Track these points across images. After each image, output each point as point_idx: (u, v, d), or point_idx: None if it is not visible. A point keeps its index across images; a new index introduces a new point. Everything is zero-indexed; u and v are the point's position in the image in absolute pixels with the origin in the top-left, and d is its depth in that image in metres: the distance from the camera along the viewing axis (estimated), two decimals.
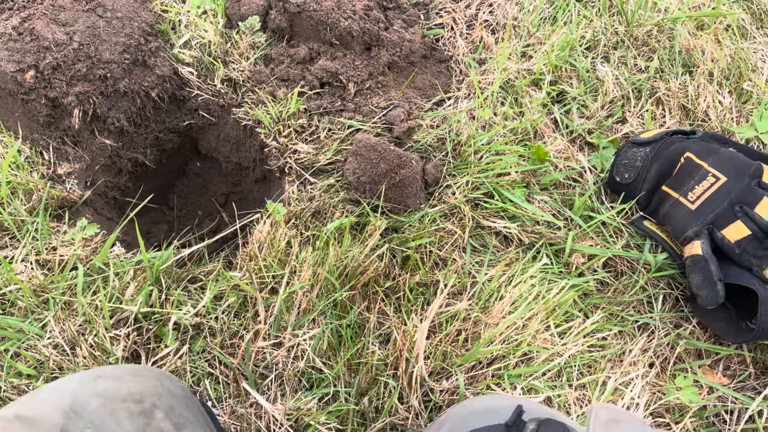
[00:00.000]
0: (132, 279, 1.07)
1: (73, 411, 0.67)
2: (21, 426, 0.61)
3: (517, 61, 1.37)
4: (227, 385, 1.03)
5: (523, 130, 1.27)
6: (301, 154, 1.22)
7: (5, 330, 1.00)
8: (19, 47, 1.15)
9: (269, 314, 1.06)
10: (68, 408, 0.67)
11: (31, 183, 1.14)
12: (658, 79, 1.37)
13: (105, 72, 1.19)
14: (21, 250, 1.08)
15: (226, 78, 1.31)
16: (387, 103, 1.28)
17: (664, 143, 1.20)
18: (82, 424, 0.66)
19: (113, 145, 1.27)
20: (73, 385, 0.73)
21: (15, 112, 1.19)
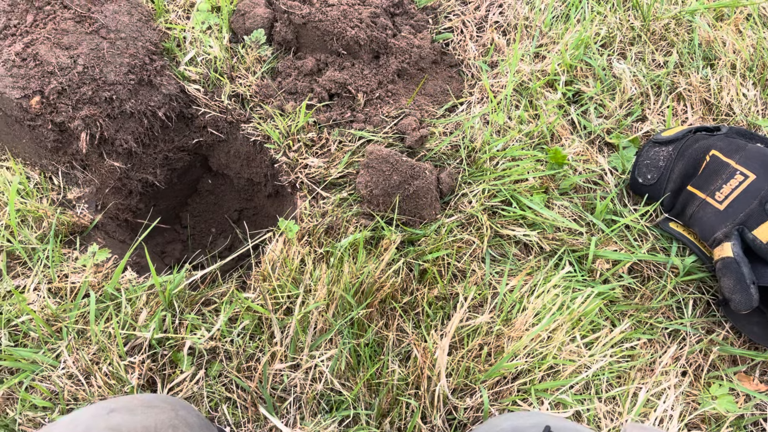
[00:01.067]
0: (145, 304, 1.05)
1: None
2: None
3: (530, 63, 1.33)
4: (245, 409, 1.01)
5: (539, 133, 1.24)
6: (311, 168, 1.19)
7: (19, 362, 0.99)
8: (23, 73, 1.14)
9: (285, 335, 1.03)
10: None
11: (41, 210, 1.12)
12: (678, 74, 1.32)
13: (111, 94, 1.18)
14: (33, 279, 1.07)
15: (233, 94, 1.29)
16: (398, 112, 1.25)
17: (687, 141, 1.15)
18: None
19: (122, 167, 1.25)
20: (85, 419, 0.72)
21: (22, 138, 1.18)
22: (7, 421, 0.95)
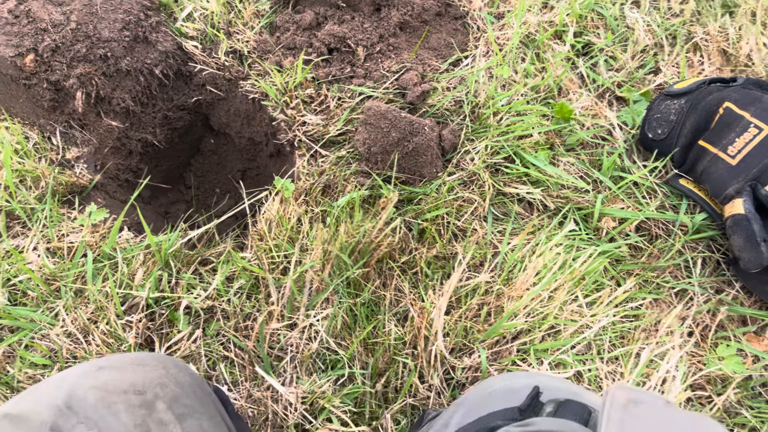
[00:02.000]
0: (141, 264, 1.04)
1: (67, 407, 0.65)
2: (9, 425, 0.59)
3: (537, 13, 1.27)
4: (243, 368, 1.01)
5: (545, 87, 1.19)
6: (310, 125, 1.16)
7: (18, 321, 0.99)
8: (16, 31, 1.12)
9: (281, 295, 1.02)
10: (62, 404, 0.65)
11: (39, 170, 1.12)
12: (695, 23, 1.25)
13: (105, 51, 1.16)
14: (31, 239, 1.07)
15: (231, 50, 1.26)
16: (399, 67, 1.21)
17: (700, 93, 1.09)
18: (75, 420, 0.64)
19: (120, 126, 1.24)
20: (73, 379, 0.72)
21: (19, 98, 1.17)
22: (7, 378, 0.96)
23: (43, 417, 0.61)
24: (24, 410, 0.62)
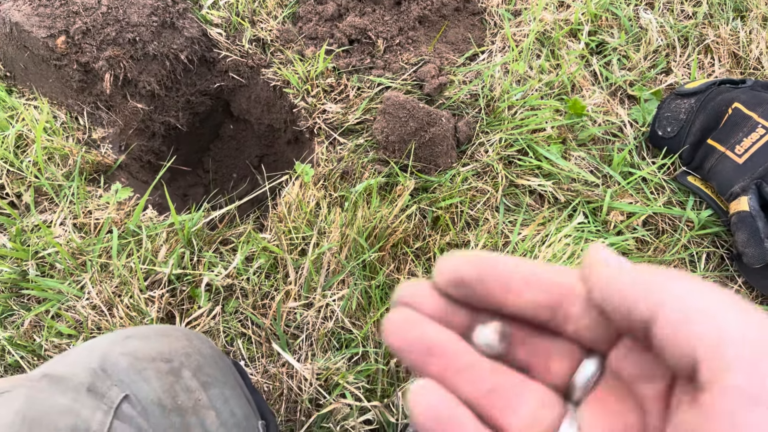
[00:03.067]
0: (165, 242, 1.08)
1: (102, 369, 0.69)
2: (48, 384, 0.63)
3: (553, 12, 1.30)
4: (260, 345, 1.05)
5: (559, 83, 1.22)
6: (329, 114, 1.20)
7: (45, 291, 1.03)
8: (49, 12, 1.16)
9: (299, 275, 1.06)
10: (97, 367, 0.69)
11: (67, 148, 1.16)
12: (707, 26, 1.29)
13: (134, 35, 1.19)
14: (59, 214, 1.11)
15: (255, 38, 1.30)
16: (417, 59, 1.24)
17: (710, 94, 1.13)
18: (110, 382, 0.68)
19: (145, 108, 1.27)
20: (103, 345, 0.75)
21: (49, 78, 1.21)
22: (34, 346, 1.00)
23: (80, 378, 0.65)
24: (62, 371, 0.65)
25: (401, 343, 0.35)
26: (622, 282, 0.30)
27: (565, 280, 0.34)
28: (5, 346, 0.99)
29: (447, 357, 0.35)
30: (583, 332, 0.34)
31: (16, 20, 1.13)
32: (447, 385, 0.35)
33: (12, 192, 1.12)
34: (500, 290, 0.34)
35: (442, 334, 0.35)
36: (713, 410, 0.25)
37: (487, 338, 0.35)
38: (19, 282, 1.04)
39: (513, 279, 0.34)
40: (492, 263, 0.35)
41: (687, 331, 0.26)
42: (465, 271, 0.34)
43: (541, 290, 0.34)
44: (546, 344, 0.36)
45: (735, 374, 0.24)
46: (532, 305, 0.34)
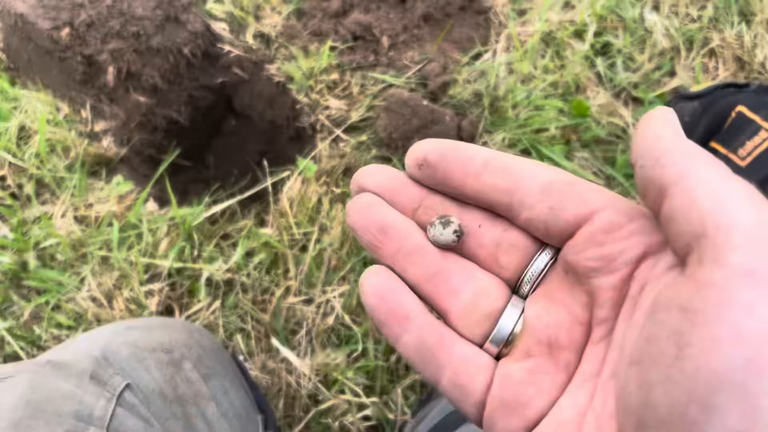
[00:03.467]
0: (165, 235, 1.08)
1: (104, 358, 0.69)
2: (51, 370, 0.63)
3: (559, 12, 1.30)
4: (259, 340, 1.04)
5: (563, 83, 1.22)
6: (332, 110, 1.20)
7: (46, 283, 1.03)
8: (54, 4, 1.16)
9: (299, 271, 1.05)
10: (99, 355, 0.69)
11: (69, 140, 1.15)
12: (712, 29, 1.29)
13: (138, 28, 1.19)
14: (60, 206, 1.10)
15: (258, 33, 1.30)
16: (422, 57, 1.24)
17: (714, 97, 1.13)
18: (112, 370, 0.68)
19: (148, 102, 1.27)
20: (105, 335, 0.75)
21: (52, 70, 1.21)
22: (33, 337, 1.00)
23: (83, 365, 0.65)
24: (65, 359, 0.66)
25: (360, 223, 0.37)
26: (661, 143, 0.29)
27: (525, 166, 0.34)
28: (5, 336, 0.99)
29: (398, 239, 0.37)
30: (537, 222, 0.34)
31: (21, 11, 1.13)
32: (397, 268, 0.37)
33: (14, 183, 1.12)
34: (460, 172, 0.35)
35: (399, 218, 0.37)
36: (708, 283, 0.24)
37: (442, 236, 0.36)
38: (19, 273, 1.03)
39: (473, 161, 0.35)
40: (455, 146, 0.36)
41: (702, 206, 0.26)
42: (430, 151, 0.36)
43: (499, 173, 0.34)
44: (497, 235, 0.36)
45: (740, 254, 0.24)
46: (490, 188, 0.35)
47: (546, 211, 0.33)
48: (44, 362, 0.64)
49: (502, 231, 0.36)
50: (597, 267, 0.32)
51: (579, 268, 0.33)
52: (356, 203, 0.37)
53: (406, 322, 0.35)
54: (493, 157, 0.35)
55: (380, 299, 0.35)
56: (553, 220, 0.33)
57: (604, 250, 0.31)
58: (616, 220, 0.31)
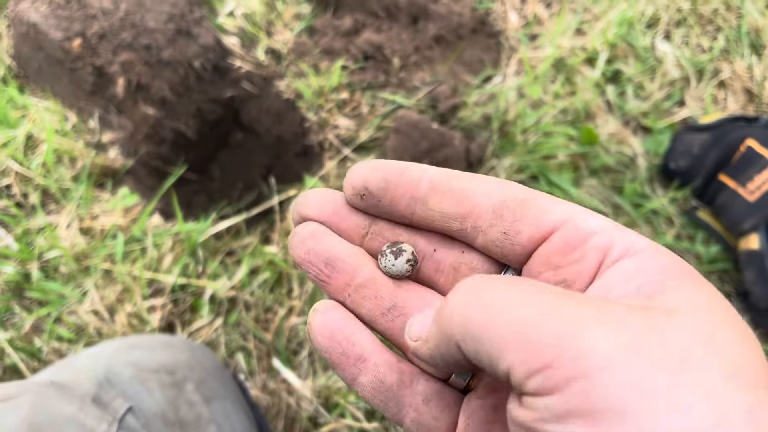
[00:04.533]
0: (170, 250, 1.07)
1: (107, 380, 0.69)
2: (55, 392, 0.62)
3: (570, 38, 1.30)
4: (260, 359, 1.04)
5: (573, 110, 1.22)
6: (341, 129, 1.20)
7: (48, 294, 1.02)
8: (67, 15, 1.16)
9: (303, 290, 1.05)
10: (101, 377, 0.69)
11: (76, 150, 1.15)
12: (723, 61, 1.29)
13: (149, 41, 1.19)
14: (65, 217, 1.10)
15: (269, 49, 1.30)
16: (432, 79, 1.24)
17: (724, 129, 1.13)
18: (114, 392, 0.67)
19: (156, 114, 1.27)
20: (108, 354, 0.75)
21: (62, 79, 1.21)
22: (34, 349, 0.99)
23: (85, 388, 0.64)
24: (68, 380, 0.65)
25: (304, 256, 0.34)
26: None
27: (476, 186, 0.32)
28: (5, 347, 0.98)
29: (348, 272, 0.34)
30: (493, 247, 0.32)
31: (34, 21, 1.13)
32: (349, 303, 0.34)
33: (19, 192, 1.11)
34: (407, 199, 0.33)
35: (346, 249, 0.35)
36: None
37: (394, 266, 0.34)
38: (22, 283, 1.03)
39: (419, 186, 0.33)
40: (397, 170, 0.33)
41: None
42: (370, 180, 0.33)
43: (447, 197, 0.32)
44: (454, 258, 0.35)
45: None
46: (439, 215, 0.33)
47: (500, 236, 0.32)
48: (47, 383, 0.64)
49: (460, 253, 0.34)
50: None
51: None
52: (299, 234, 0.34)
53: (361, 363, 0.33)
54: (440, 179, 0.33)
55: (331, 339, 0.33)
56: (509, 245, 0.32)
57: (559, 274, 0.30)
58: (572, 241, 0.30)
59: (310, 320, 0.34)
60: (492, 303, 0.25)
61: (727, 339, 0.24)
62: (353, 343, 0.33)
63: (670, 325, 0.24)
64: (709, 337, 0.23)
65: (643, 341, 0.23)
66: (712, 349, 0.23)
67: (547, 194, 0.32)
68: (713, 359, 0.23)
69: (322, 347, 0.33)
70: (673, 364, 0.22)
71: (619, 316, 0.24)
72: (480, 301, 0.26)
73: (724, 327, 0.24)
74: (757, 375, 0.23)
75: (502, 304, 0.25)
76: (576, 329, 0.23)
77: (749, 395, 0.22)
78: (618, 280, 0.28)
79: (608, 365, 0.22)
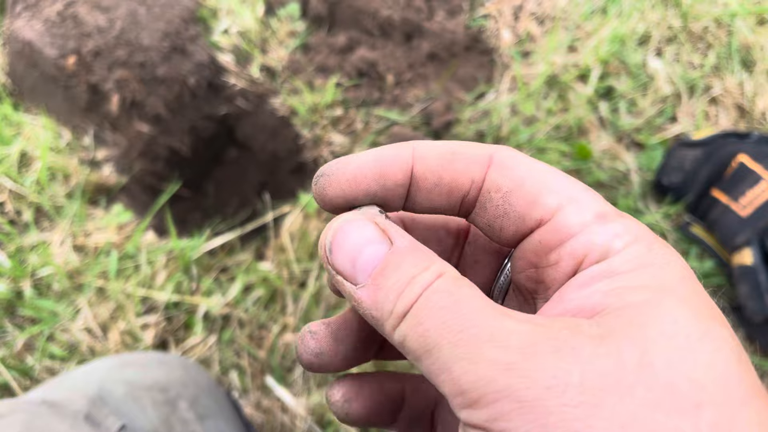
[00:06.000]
0: (164, 267, 1.07)
1: (99, 397, 0.68)
2: (47, 410, 0.62)
3: (563, 55, 1.32)
4: (254, 376, 1.03)
5: (567, 126, 1.23)
6: (336, 145, 1.20)
7: (41, 312, 1.02)
8: (62, 33, 1.16)
9: (298, 308, 1.04)
10: (94, 394, 0.68)
11: (70, 167, 1.15)
12: (714, 77, 1.30)
13: (144, 58, 1.20)
14: (59, 234, 1.09)
15: (264, 66, 1.30)
16: (426, 96, 1.25)
17: (716, 145, 1.13)
18: (107, 410, 0.67)
19: (150, 131, 1.27)
20: (100, 372, 0.74)
21: (57, 96, 1.21)
22: (26, 367, 0.98)
23: (77, 406, 0.64)
24: (60, 398, 0.64)
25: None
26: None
27: (462, 176, 0.31)
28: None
29: None
30: (481, 229, 0.33)
31: (29, 38, 1.13)
32: None
33: (13, 209, 1.11)
34: (397, 200, 0.32)
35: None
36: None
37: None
38: (14, 301, 1.02)
39: (405, 188, 0.32)
40: (377, 175, 0.32)
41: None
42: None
43: (437, 195, 0.32)
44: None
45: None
46: (430, 208, 0.33)
47: (485, 226, 0.32)
48: (39, 401, 0.63)
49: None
50: (536, 290, 0.31)
51: (522, 289, 0.32)
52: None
53: None
54: (422, 173, 0.32)
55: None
56: (495, 236, 0.32)
57: (539, 273, 0.30)
58: (549, 243, 0.29)
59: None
60: (428, 333, 0.26)
61: (666, 358, 0.23)
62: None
63: (597, 353, 0.23)
64: (639, 360, 0.23)
65: (561, 380, 0.23)
66: (642, 374, 0.23)
67: (541, 173, 0.30)
68: (640, 385, 0.23)
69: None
70: (590, 398, 0.22)
71: (540, 358, 0.24)
72: (421, 327, 0.26)
73: (669, 342, 0.24)
74: (698, 395, 0.22)
75: (438, 337, 0.25)
76: (495, 374, 0.24)
77: (681, 422, 0.22)
78: (575, 291, 0.28)
79: (521, 407, 0.23)
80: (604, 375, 0.23)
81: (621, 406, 0.22)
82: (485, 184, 0.31)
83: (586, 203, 0.29)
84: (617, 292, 0.26)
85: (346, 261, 0.29)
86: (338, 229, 0.30)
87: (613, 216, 0.29)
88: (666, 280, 0.26)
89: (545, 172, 0.30)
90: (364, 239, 0.29)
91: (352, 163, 0.31)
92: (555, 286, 0.29)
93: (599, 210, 0.29)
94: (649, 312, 0.25)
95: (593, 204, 0.29)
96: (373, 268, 0.28)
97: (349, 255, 0.29)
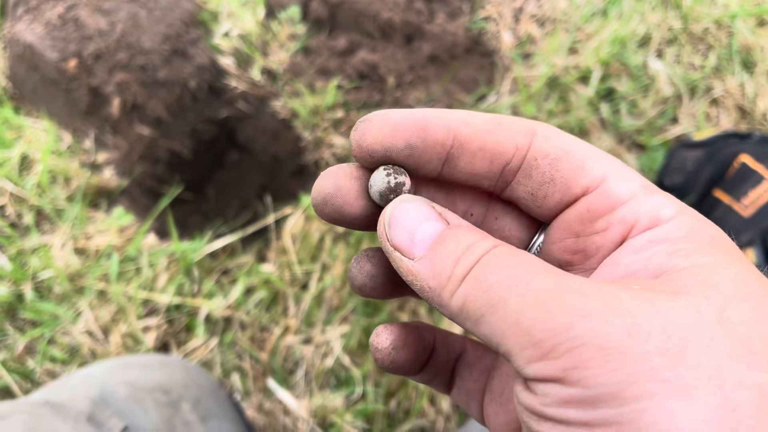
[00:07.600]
0: (165, 269, 1.07)
1: (102, 399, 0.68)
2: (49, 411, 0.61)
3: (564, 57, 1.32)
4: (256, 379, 1.03)
5: (568, 128, 1.23)
6: (337, 147, 1.20)
7: (42, 315, 1.01)
8: (63, 36, 1.16)
9: (299, 310, 1.04)
10: (96, 396, 0.68)
11: (71, 170, 1.15)
12: (715, 78, 1.30)
13: (145, 61, 1.20)
14: (60, 237, 1.09)
15: (265, 69, 1.30)
16: (427, 98, 1.25)
17: (717, 146, 1.13)
18: (109, 411, 0.66)
19: (151, 134, 1.27)
20: (103, 373, 0.74)
21: (57, 100, 1.21)
22: (27, 370, 0.98)
23: (80, 407, 0.64)
24: (63, 399, 0.64)
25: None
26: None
27: (507, 141, 0.31)
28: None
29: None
30: (521, 202, 0.32)
31: (30, 42, 1.14)
32: None
33: (13, 212, 1.11)
34: (434, 163, 0.31)
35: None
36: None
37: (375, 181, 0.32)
38: (15, 304, 1.02)
39: (447, 147, 0.31)
40: (419, 128, 0.31)
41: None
42: (392, 147, 0.31)
43: (480, 160, 0.31)
44: (488, 226, 0.35)
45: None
46: (470, 177, 0.32)
47: (527, 196, 0.32)
48: (41, 402, 0.63)
49: (494, 219, 0.35)
50: (573, 261, 0.31)
51: (555, 261, 0.32)
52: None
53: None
54: (467, 137, 0.31)
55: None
56: (536, 207, 0.32)
57: (579, 243, 0.31)
58: (597, 210, 0.30)
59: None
60: (493, 288, 0.25)
61: (741, 317, 0.23)
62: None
63: (674, 306, 0.23)
64: (718, 316, 0.23)
65: (643, 327, 0.23)
66: (721, 328, 0.23)
67: (584, 146, 0.31)
68: (721, 339, 0.22)
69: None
70: (674, 347, 0.22)
71: (618, 304, 0.23)
72: (485, 283, 0.26)
73: (742, 303, 0.24)
74: None
75: (504, 291, 0.25)
76: (572, 320, 0.23)
77: (762, 376, 0.22)
78: (632, 255, 0.28)
79: (603, 354, 0.22)
80: (685, 326, 0.23)
81: (705, 357, 0.22)
82: (531, 152, 0.31)
83: (631, 175, 0.30)
84: (682, 253, 0.26)
85: (404, 236, 0.29)
86: (396, 206, 0.30)
87: (657, 189, 0.30)
88: (725, 246, 0.27)
89: (588, 145, 0.31)
90: (422, 216, 0.29)
91: (396, 113, 0.31)
92: (600, 254, 0.30)
93: (644, 182, 0.30)
94: (720, 272, 0.25)
95: (637, 177, 0.30)
96: (431, 242, 0.28)
97: (408, 230, 0.29)
